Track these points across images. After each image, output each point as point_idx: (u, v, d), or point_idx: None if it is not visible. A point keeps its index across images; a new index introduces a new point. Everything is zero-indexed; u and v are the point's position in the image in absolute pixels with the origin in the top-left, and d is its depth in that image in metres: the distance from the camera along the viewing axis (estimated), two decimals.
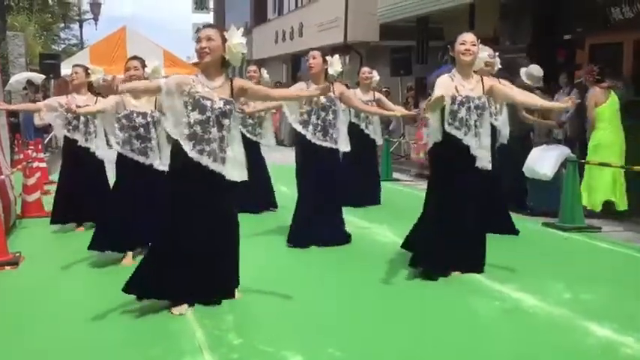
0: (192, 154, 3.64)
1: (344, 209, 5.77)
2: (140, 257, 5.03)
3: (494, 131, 5.64)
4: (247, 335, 3.47)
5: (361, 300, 4.13)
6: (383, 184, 8.40)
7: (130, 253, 5.06)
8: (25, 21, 18.88)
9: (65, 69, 15.72)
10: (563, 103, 4.66)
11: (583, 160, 6.52)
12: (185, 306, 3.80)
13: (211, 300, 3.89)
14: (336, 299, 4.17)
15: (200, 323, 3.63)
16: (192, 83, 3.68)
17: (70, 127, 5.96)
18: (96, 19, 23.66)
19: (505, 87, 4.76)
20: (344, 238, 5.62)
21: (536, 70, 7.14)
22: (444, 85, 4.35)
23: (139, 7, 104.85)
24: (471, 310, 3.93)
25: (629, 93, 7.95)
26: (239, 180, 3.79)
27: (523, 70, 7.15)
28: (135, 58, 5.01)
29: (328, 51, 5.79)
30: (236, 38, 3.72)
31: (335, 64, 5.53)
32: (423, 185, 9.45)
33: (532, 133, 7.43)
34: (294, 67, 23.34)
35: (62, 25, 28.30)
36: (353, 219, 6.31)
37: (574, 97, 8.92)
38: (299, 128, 5.42)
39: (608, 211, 6.93)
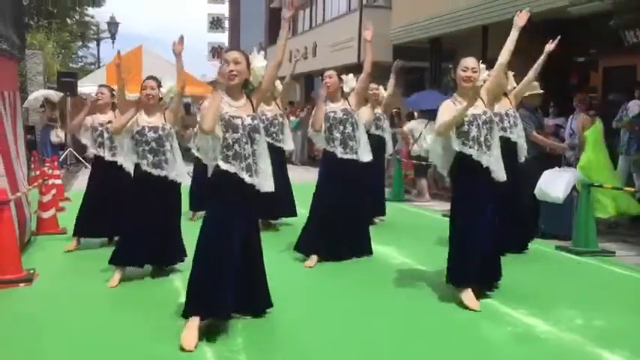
0: (241, 173, 3.74)
1: None
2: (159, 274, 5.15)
3: (513, 145, 5.65)
4: (256, 357, 3.48)
5: (369, 322, 4.11)
6: (393, 204, 8.44)
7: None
8: (43, 39, 19.20)
9: (82, 87, 15.97)
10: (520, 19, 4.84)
11: (597, 184, 6.48)
12: (196, 325, 3.78)
13: (254, 313, 4.03)
14: (344, 321, 4.16)
15: (210, 344, 3.64)
16: (220, 107, 3.76)
17: (96, 145, 6.12)
18: (113, 37, 23.97)
19: (488, 80, 4.79)
20: (366, 251, 5.86)
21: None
22: (449, 109, 4.44)
23: (155, 26, 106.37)
24: (481, 334, 3.91)
25: None
26: (270, 190, 3.89)
27: None
28: (151, 78, 5.17)
29: (341, 71, 5.97)
30: (258, 62, 3.90)
31: (350, 82, 5.85)
32: (434, 206, 9.52)
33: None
34: (308, 86, 23.51)
35: (80, 43, 28.74)
36: None
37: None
38: (325, 145, 5.66)
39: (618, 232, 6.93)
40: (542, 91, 6.90)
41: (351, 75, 5.92)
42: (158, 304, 4.39)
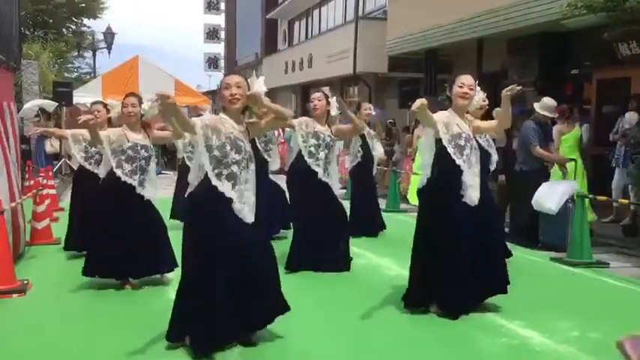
0: (231, 193, 3.64)
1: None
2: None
3: (487, 157, 5.61)
4: None
5: (364, 334, 4.10)
6: (389, 215, 8.46)
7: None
8: (39, 49, 19.17)
9: (78, 97, 15.97)
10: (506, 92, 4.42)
11: (592, 195, 6.50)
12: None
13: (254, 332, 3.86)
14: (340, 331, 4.15)
15: (208, 355, 3.61)
16: (225, 125, 3.73)
17: (92, 161, 6.17)
18: (109, 48, 23.98)
19: (485, 123, 4.83)
20: (343, 265, 5.80)
21: (549, 100, 7.19)
22: (445, 116, 4.40)
23: (151, 36, 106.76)
24: (477, 346, 3.91)
25: None
26: (250, 221, 3.75)
27: (537, 105, 7.15)
28: (132, 95, 5.24)
29: (337, 81, 6.03)
30: (259, 86, 3.89)
31: (332, 103, 5.91)
32: None
33: (549, 167, 7.37)
34: (304, 97, 23.59)
35: (76, 53, 28.73)
36: (357, 250, 6.31)
37: (585, 131, 9.05)
38: (309, 160, 5.64)
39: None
40: (554, 115, 7.11)
41: (334, 99, 5.97)
42: (152, 315, 4.36)
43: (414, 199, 9.69)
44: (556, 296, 5.15)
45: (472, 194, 4.37)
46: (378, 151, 8.11)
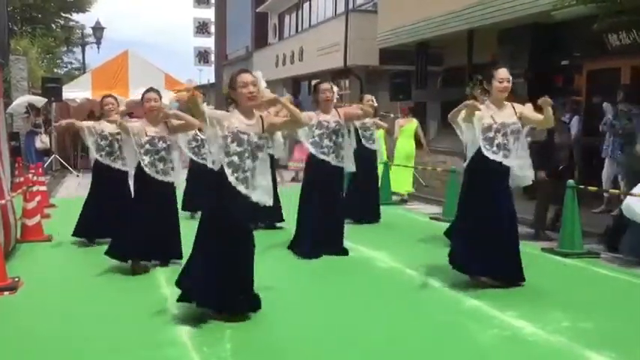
0: (231, 179, 4.05)
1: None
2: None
3: None
4: None
5: (357, 326, 4.11)
6: (382, 207, 8.49)
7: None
8: (28, 45, 19.02)
9: (67, 92, 15.85)
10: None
11: (582, 186, 6.51)
12: None
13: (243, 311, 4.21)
14: (333, 325, 4.14)
15: (198, 350, 3.62)
16: (231, 120, 4.09)
17: (103, 153, 6.36)
18: (98, 43, 23.78)
19: (530, 112, 5.05)
20: (342, 250, 6.12)
21: None
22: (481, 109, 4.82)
23: (140, 31, 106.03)
24: (469, 336, 3.92)
25: None
26: (268, 204, 4.23)
27: None
28: (152, 90, 5.46)
29: (328, 75, 6.20)
30: (263, 82, 4.25)
31: (335, 92, 6.25)
32: (421, 209, 9.56)
33: None
34: (295, 90, 23.52)
35: (65, 48, 28.53)
36: (349, 244, 6.32)
37: (576, 122, 9.03)
38: (314, 151, 5.97)
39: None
40: None
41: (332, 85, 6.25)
42: (145, 311, 4.35)
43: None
44: (548, 287, 5.16)
45: (517, 178, 4.88)
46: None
